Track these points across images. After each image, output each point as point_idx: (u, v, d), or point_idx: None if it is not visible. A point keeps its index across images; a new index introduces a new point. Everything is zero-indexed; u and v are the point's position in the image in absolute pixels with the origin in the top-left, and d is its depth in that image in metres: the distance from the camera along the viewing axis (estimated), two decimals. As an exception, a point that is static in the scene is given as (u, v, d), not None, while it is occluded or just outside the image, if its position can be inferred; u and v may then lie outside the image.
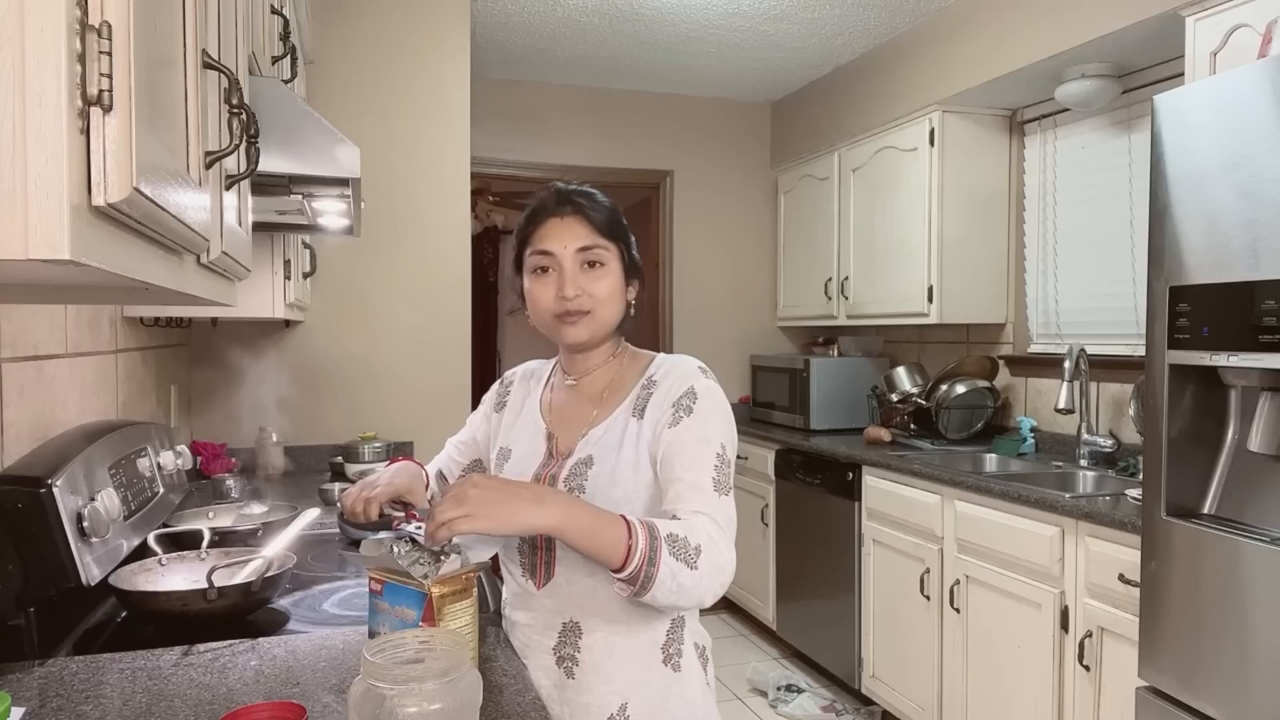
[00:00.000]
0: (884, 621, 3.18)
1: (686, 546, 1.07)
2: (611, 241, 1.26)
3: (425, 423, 3.28)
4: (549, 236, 1.25)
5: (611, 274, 1.26)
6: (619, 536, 1.05)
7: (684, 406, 1.21)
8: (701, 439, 1.19)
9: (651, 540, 1.05)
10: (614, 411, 1.27)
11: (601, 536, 1.05)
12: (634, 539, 1.05)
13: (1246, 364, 1.66)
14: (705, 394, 1.23)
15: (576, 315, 1.24)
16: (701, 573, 1.08)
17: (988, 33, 3.20)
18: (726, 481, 1.19)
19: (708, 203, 4.75)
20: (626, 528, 1.06)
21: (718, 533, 1.12)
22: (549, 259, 1.24)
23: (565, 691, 1.21)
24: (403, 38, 3.24)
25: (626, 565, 1.04)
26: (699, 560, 1.08)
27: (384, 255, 3.24)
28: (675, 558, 1.06)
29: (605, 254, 1.25)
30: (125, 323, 2.12)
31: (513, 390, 1.44)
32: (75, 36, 0.52)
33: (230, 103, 0.97)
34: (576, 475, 1.23)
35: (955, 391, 3.49)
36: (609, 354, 1.33)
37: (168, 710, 1.05)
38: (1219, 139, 1.72)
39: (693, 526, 1.11)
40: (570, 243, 1.24)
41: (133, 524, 1.54)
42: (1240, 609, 1.68)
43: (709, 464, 1.17)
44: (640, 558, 1.04)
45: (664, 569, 1.05)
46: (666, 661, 1.23)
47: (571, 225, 1.25)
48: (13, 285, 0.81)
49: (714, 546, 1.10)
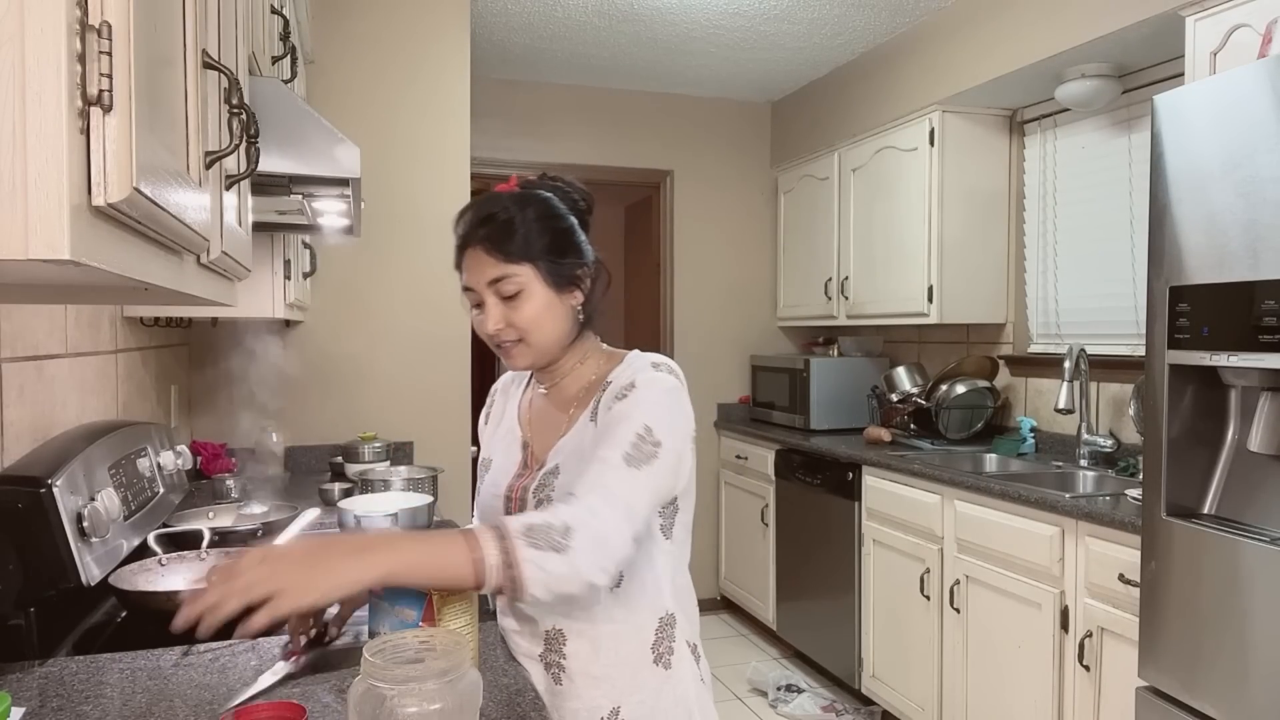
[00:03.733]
0: (884, 621, 3.18)
1: (548, 532, 1.01)
2: (523, 263, 1.18)
3: (425, 423, 3.28)
4: (466, 270, 1.21)
5: (531, 297, 1.19)
6: (459, 559, 0.98)
7: (621, 397, 1.18)
8: (624, 416, 1.14)
9: (502, 542, 1.00)
10: (581, 418, 1.25)
11: (440, 565, 0.99)
12: (480, 551, 0.99)
13: (1246, 364, 1.66)
14: (645, 384, 1.18)
15: (509, 345, 1.22)
16: (576, 551, 1.01)
17: (988, 33, 3.20)
18: (641, 456, 1.11)
19: (708, 203, 4.75)
20: (467, 543, 1.00)
21: (602, 505, 1.06)
22: (472, 294, 1.22)
23: (556, 698, 1.20)
24: (403, 38, 3.24)
25: (485, 580, 0.99)
26: (570, 540, 1.01)
27: (384, 255, 3.24)
28: (536, 548, 1.00)
29: (519, 279, 1.18)
30: (125, 323, 2.12)
31: (496, 401, 1.43)
32: (75, 36, 0.52)
33: (230, 103, 0.97)
34: (544, 486, 1.21)
35: (955, 391, 3.49)
36: (576, 360, 1.28)
37: (168, 710, 1.05)
38: (1219, 139, 1.72)
39: (562, 508, 1.05)
40: (480, 277, 1.19)
41: (133, 524, 1.54)
42: (1240, 609, 1.68)
43: (625, 440, 1.12)
44: (496, 568, 0.99)
45: (528, 566, 0.99)
46: (658, 661, 1.22)
47: (478, 258, 1.19)
48: (13, 285, 0.81)
49: (592, 520, 1.04)
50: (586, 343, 1.30)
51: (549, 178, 1.30)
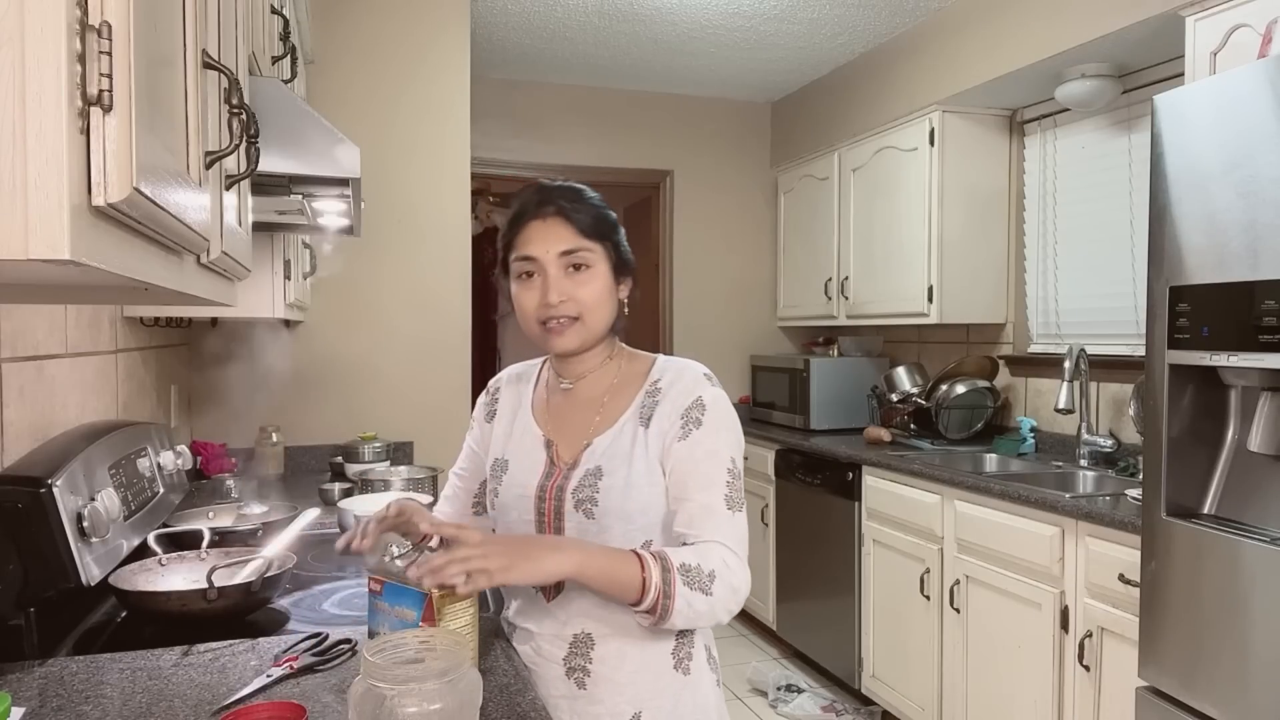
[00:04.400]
0: (884, 621, 3.18)
1: (700, 574, 1.11)
2: (597, 242, 1.21)
3: (425, 423, 3.28)
4: (531, 240, 1.20)
5: (598, 276, 1.21)
6: (633, 573, 1.08)
7: (693, 419, 1.19)
8: (712, 454, 1.18)
9: (665, 574, 1.09)
10: (619, 419, 1.23)
11: (618, 575, 1.08)
12: (647, 573, 1.08)
13: (1246, 364, 1.66)
14: (713, 404, 1.21)
15: (563, 322, 1.20)
16: (716, 598, 1.11)
17: (988, 33, 3.20)
18: (738, 497, 1.18)
19: (708, 203, 4.75)
20: (640, 563, 1.08)
21: (731, 557, 1.14)
22: (532, 264, 1.20)
23: (577, 702, 1.19)
24: (403, 38, 3.24)
25: (643, 599, 1.08)
26: (714, 586, 1.11)
27: (384, 255, 3.24)
28: (690, 587, 1.10)
29: (591, 256, 1.20)
30: (125, 323, 2.12)
31: (501, 398, 1.38)
32: (75, 36, 0.52)
33: (230, 103, 0.97)
34: (586, 486, 1.19)
35: (955, 391, 3.49)
36: (604, 356, 1.28)
37: (168, 710, 1.05)
38: (1219, 139, 1.72)
39: (706, 553, 1.13)
40: (553, 246, 1.19)
41: (133, 524, 1.54)
42: (1240, 609, 1.68)
43: (720, 481, 1.17)
44: (656, 591, 1.08)
45: (679, 600, 1.09)
46: (677, 667, 1.21)
47: (554, 227, 1.20)
48: (13, 285, 0.81)
49: (727, 571, 1.13)
50: (614, 341, 1.30)
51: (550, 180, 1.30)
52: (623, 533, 1.18)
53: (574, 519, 1.19)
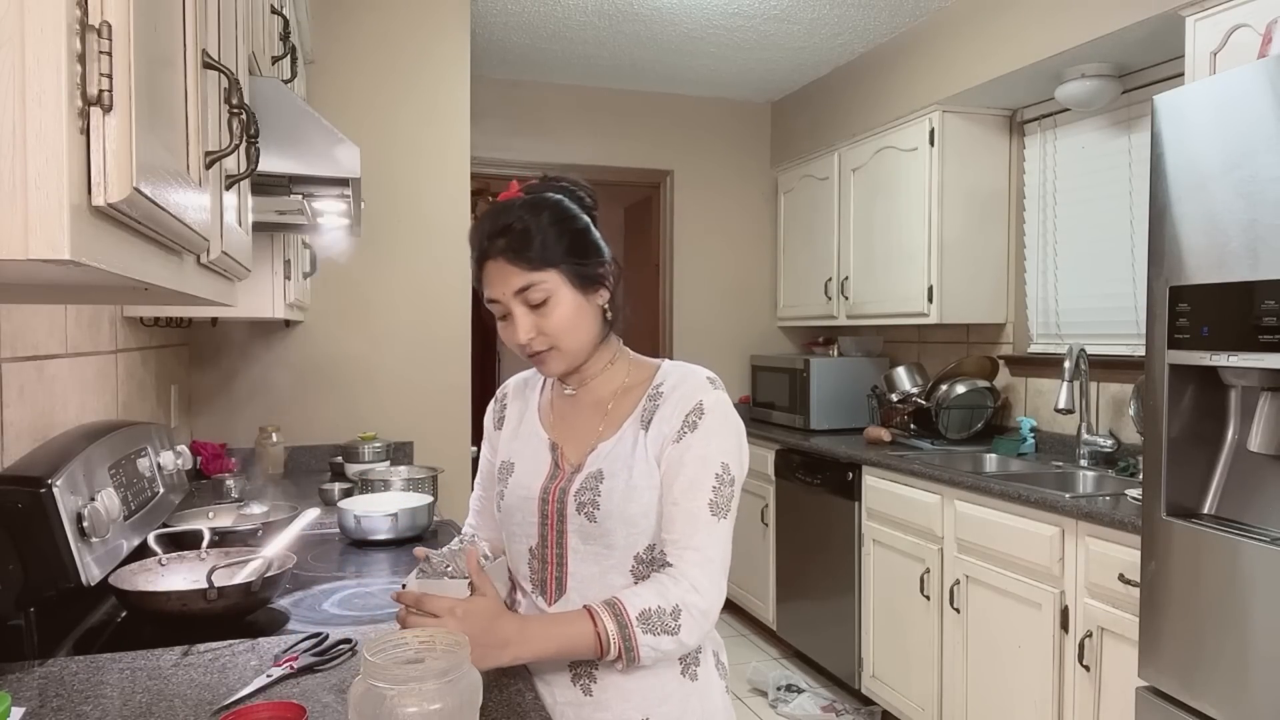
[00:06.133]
0: (884, 621, 3.18)
1: (662, 616, 1.12)
2: (549, 269, 1.17)
3: (425, 423, 3.28)
4: (490, 283, 1.19)
5: (561, 303, 1.18)
6: (588, 644, 1.11)
7: (690, 422, 1.18)
8: (702, 458, 1.17)
9: (622, 630, 1.10)
10: (622, 424, 1.23)
11: (575, 650, 1.12)
12: (603, 633, 1.10)
13: (1246, 364, 1.66)
14: (712, 409, 1.19)
15: (542, 354, 1.21)
16: (684, 630, 1.13)
17: (988, 33, 3.20)
18: (725, 503, 1.17)
19: (708, 203, 4.75)
20: (592, 623, 1.10)
21: (701, 578, 1.14)
22: (498, 305, 1.20)
23: (583, 709, 1.18)
24: (403, 38, 3.24)
25: (605, 654, 1.11)
26: (679, 622, 1.12)
27: (384, 255, 3.24)
28: (653, 633, 1.11)
29: (546, 286, 1.17)
30: (125, 323, 2.12)
31: (508, 405, 1.38)
32: (75, 36, 0.52)
33: (230, 103, 0.97)
34: (588, 489, 1.19)
35: (955, 391, 3.49)
36: (604, 361, 1.27)
37: (168, 710, 1.05)
38: (1219, 139, 1.72)
39: (667, 588, 1.13)
40: (506, 288, 1.17)
41: (133, 524, 1.54)
42: (1240, 609, 1.68)
43: (706, 486, 1.16)
44: (615, 647, 1.10)
45: (644, 649, 1.11)
46: (684, 672, 1.21)
47: (502, 268, 1.17)
48: (13, 285, 0.81)
49: (694, 597, 1.13)
50: (614, 343, 1.29)
51: (551, 179, 1.28)
52: (625, 535, 1.17)
53: (576, 522, 1.19)
